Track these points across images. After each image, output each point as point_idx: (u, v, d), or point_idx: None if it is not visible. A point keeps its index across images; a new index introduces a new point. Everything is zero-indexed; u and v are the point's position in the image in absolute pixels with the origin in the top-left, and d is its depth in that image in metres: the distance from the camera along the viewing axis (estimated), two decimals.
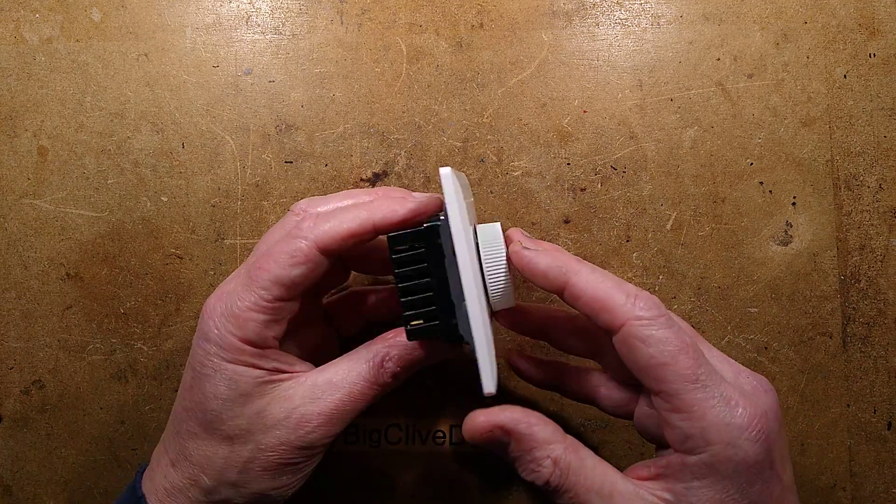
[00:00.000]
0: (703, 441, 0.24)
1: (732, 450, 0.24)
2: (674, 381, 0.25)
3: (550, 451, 0.26)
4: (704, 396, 0.24)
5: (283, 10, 0.40)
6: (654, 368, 0.25)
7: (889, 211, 0.39)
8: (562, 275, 0.27)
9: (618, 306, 0.26)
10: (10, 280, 0.39)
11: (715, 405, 0.24)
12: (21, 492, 0.40)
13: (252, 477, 0.28)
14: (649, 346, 0.25)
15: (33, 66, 0.40)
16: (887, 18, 0.39)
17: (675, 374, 0.25)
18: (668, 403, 0.25)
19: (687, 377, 0.24)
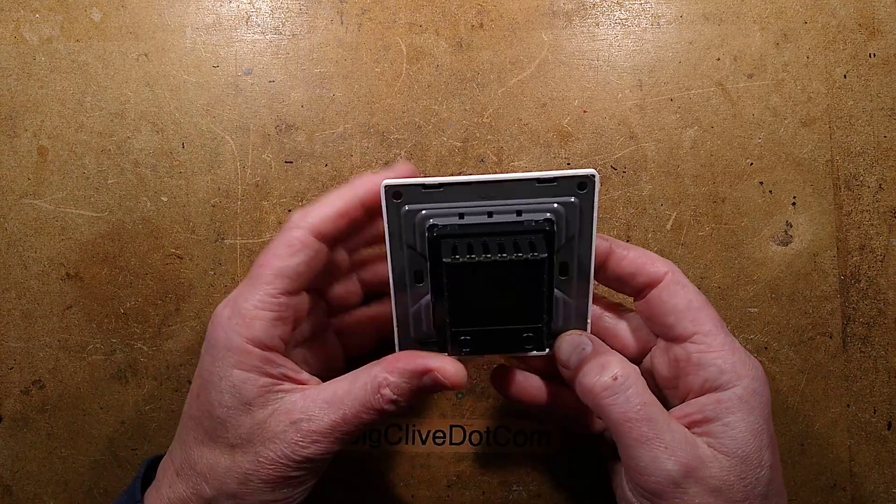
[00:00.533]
0: (736, 375, 0.27)
1: (757, 383, 0.28)
2: (708, 323, 0.28)
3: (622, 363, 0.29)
4: (731, 342, 0.28)
5: (283, 10, 0.40)
6: (693, 311, 0.29)
7: (889, 211, 0.39)
8: (605, 250, 0.30)
9: (658, 261, 0.30)
10: (10, 280, 0.39)
11: (738, 350, 0.28)
12: (21, 492, 0.40)
13: (251, 489, 0.28)
14: (689, 293, 0.29)
15: (33, 66, 0.40)
16: (887, 18, 0.39)
17: (709, 318, 0.29)
18: (703, 344, 0.28)
19: (717, 320, 0.29)
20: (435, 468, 0.40)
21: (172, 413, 0.40)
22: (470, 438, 0.40)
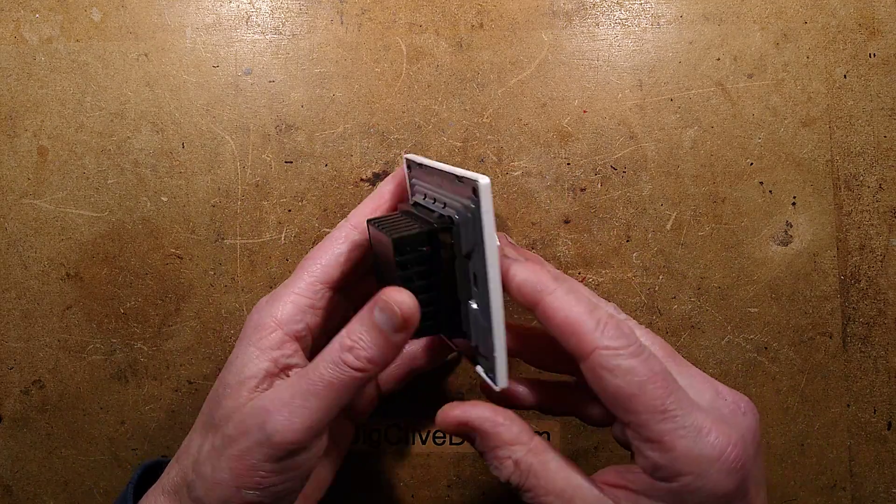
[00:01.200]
0: (673, 472, 0.24)
1: (702, 481, 0.24)
2: (642, 412, 0.24)
3: (512, 453, 0.27)
4: (673, 427, 0.24)
5: (283, 10, 0.40)
6: (622, 399, 0.24)
7: (889, 211, 0.39)
8: (536, 292, 0.26)
9: (586, 333, 0.25)
10: (10, 280, 0.39)
11: (684, 435, 0.24)
12: (21, 492, 0.40)
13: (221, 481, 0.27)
14: (616, 377, 0.24)
15: (33, 66, 0.40)
16: (887, 18, 0.39)
17: (643, 405, 0.24)
18: (637, 434, 0.25)
19: (655, 408, 0.24)
20: (435, 468, 0.40)
21: (172, 413, 0.40)
22: None
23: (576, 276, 0.39)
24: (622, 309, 0.39)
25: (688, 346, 0.39)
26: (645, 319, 0.39)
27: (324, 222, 0.39)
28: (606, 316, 0.25)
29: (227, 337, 0.39)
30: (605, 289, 0.39)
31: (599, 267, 0.39)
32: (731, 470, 0.24)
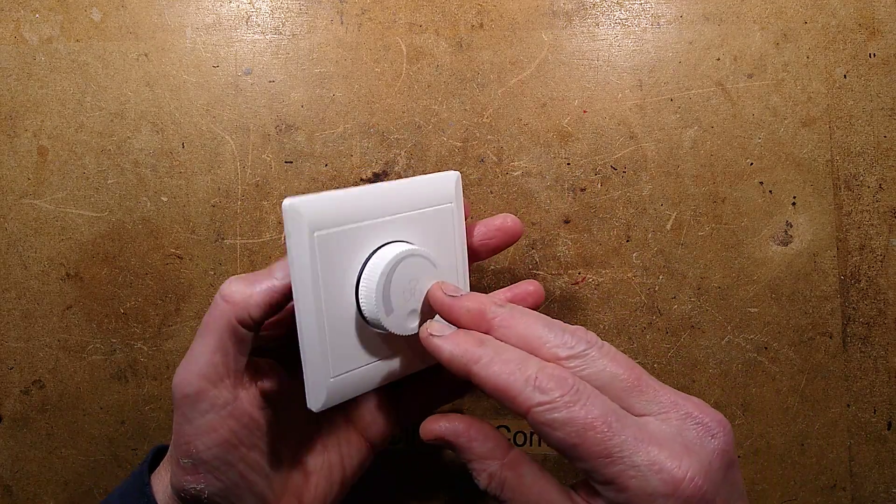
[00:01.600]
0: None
1: None
2: (588, 459, 0.24)
3: (486, 467, 0.28)
4: (622, 468, 0.24)
5: (283, 10, 0.40)
6: (567, 450, 0.25)
7: (889, 211, 0.39)
8: (463, 365, 0.27)
9: (518, 395, 0.25)
10: (10, 280, 0.39)
11: (634, 475, 0.24)
12: (21, 492, 0.40)
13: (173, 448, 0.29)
14: (555, 430, 0.24)
15: (33, 66, 0.40)
16: (887, 18, 0.39)
17: (587, 452, 0.24)
18: (593, 478, 0.25)
19: (598, 453, 0.24)
20: (435, 468, 0.40)
21: (172, 413, 0.40)
22: None
23: (576, 276, 0.39)
24: (623, 307, 0.39)
25: (688, 346, 0.39)
26: (645, 319, 0.39)
27: None
28: (537, 369, 0.25)
29: None
30: (605, 289, 0.39)
31: (599, 267, 0.39)
32: (688, 500, 0.24)
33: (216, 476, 0.28)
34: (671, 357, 0.39)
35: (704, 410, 0.26)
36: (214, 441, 0.28)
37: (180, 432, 0.28)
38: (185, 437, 0.28)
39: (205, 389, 0.28)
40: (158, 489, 0.30)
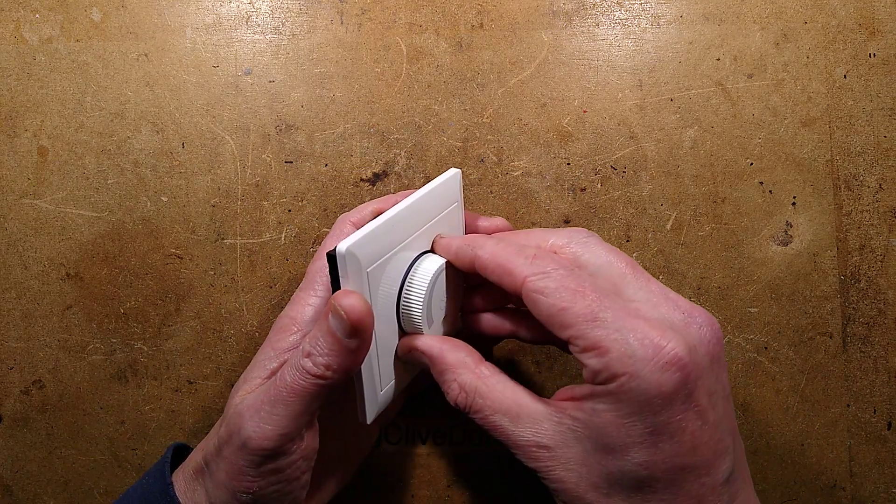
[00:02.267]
0: (610, 374, 0.25)
1: (636, 380, 0.24)
2: (575, 323, 0.25)
3: (457, 376, 0.28)
4: (606, 332, 0.25)
5: (283, 10, 0.40)
6: (556, 315, 0.26)
7: (889, 211, 0.39)
8: (469, 251, 0.29)
9: (515, 268, 0.27)
10: (10, 280, 0.39)
11: (617, 339, 0.25)
12: (21, 492, 0.40)
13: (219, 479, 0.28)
14: (547, 296, 0.26)
15: (33, 66, 0.40)
16: (887, 18, 0.39)
17: (575, 316, 0.25)
18: (576, 345, 0.26)
19: (586, 316, 0.25)
20: (435, 468, 0.40)
21: (172, 413, 0.40)
22: (470, 438, 0.40)
23: None
24: None
25: None
26: None
27: (324, 222, 0.39)
28: (534, 250, 0.28)
29: (227, 337, 0.39)
30: None
31: None
32: (665, 368, 0.24)
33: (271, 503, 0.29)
34: None
35: (695, 307, 0.27)
36: (279, 479, 0.28)
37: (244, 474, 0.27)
38: (250, 479, 0.27)
39: (285, 447, 0.27)
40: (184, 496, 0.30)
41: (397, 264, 0.30)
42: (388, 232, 0.29)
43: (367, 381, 0.29)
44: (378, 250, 0.29)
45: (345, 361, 0.27)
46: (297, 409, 0.27)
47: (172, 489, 0.30)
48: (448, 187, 0.33)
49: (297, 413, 0.27)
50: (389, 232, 0.29)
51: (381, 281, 0.29)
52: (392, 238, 0.29)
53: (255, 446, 0.27)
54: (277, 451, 0.27)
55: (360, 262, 0.27)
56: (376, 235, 0.28)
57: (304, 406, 0.27)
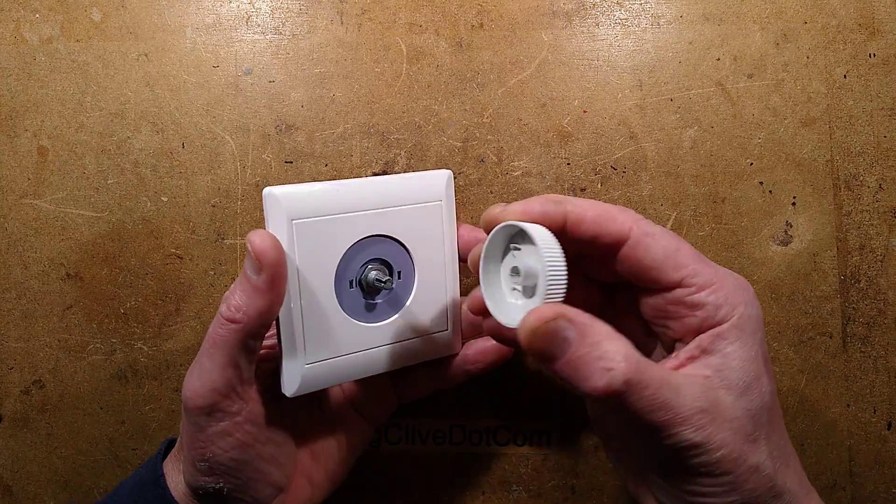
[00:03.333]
0: (730, 306, 0.26)
1: (751, 308, 0.26)
2: (691, 263, 0.26)
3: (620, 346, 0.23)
4: (717, 271, 0.27)
5: (283, 10, 0.40)
6: (671, 256, 0.26)
7: (889, 211, 0.39)
8: (560, 207, 0.27)
9: (618, 215, 0.27)
10: (10, 280, 0.39)
11: (726, 276, 0.27)
12: (21, 492, 0.40)
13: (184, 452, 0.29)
14: (660, 240, 0.27)
15: (33, 66, 0.40)
16: (887, 18, 0.39)
17: (690, 256, 0.27)
18: (692, 285, 0.26)
19: (697, 256, 0.27)
20: (435, 468, 0.40)
21: (172, 413, 0.40)
22: (470, 438, 0.40)
23: None
24: None
25: None
26: None
27: None
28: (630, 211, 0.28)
29: None
30: None
31: None
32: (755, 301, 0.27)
33: (233, 475, 0.29)
34: None
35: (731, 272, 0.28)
36: (230, 445, 0.28)
37: (194, 439, 0.28)
38: (200, 444, 0.28)
39: (218, 401, 0.28)
40: (171, 480, 0.31)
41: (340, 232, 0.29)
42: (332, 195, 0.28)
43: (286, 344, 0.28)
44: (314, 208, 0.28)
45: (255, 302, 0.27)
46: (221, 359, 0.27)
47: (164, 480, 0.31)
48: (432, 182, 0.32)
49: (222, 364, 0.27)
50: (335, 196, 0.28)
51: (315, 241, 0.28)
52: (337, 203, 0.29)
53: (192, 405, 0.28)
54: (213, 407, 0.28)
55: (284, 208, 0.27)
56: (315, 192, 0.28)
57: (228, 356, 0.27)
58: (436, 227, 0.32)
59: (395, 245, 0.31)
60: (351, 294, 0.30)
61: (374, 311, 0.30)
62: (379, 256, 0.31)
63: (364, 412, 0.35)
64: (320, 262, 0.29)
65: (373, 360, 0.31)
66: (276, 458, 0.30)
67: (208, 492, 0.29)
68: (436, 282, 0.32)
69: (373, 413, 0.35)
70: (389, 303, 0.31)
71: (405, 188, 0.31)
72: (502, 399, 0.40)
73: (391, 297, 0.31)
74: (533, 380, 0.40)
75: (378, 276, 0.30)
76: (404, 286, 0.31)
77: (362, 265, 0.30)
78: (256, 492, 0.29)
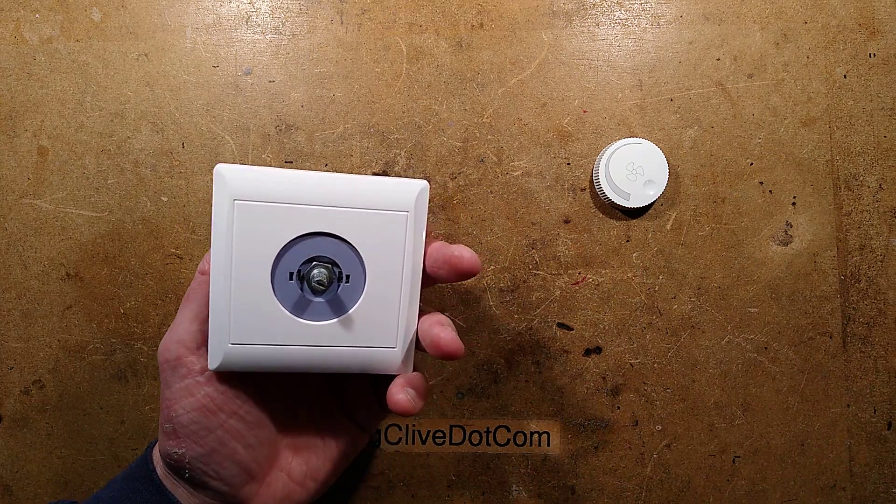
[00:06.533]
0: None
1: None
2: None
3: None
4: None
5: (283, 10, 0.40)
6: None
7: (889, 211, 0.39)
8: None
9: None
10: (10, 280, 0.39)
11: None
12: (21, 492, 0.40)
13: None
14: None
15: (33, 66, 0.40)
16: (887, 18, 0.39)
17: None
18: None
19: None
20: (435, 468, 0.40)
21: None
22: (470, 438, 0.40)
23: (576, 276, 0.39)
24: (623, 307, 0.39)
25: (688, 346, 0.39)
26: (645, 319, 0.39)
27: None
28: None
29: None
30: (605, 289, 0.39)
31: (599, 267, 0.39)
32: None
33: (195, 441, 0.29)
34: (671, 357, 0.39)
35: None
36: (192, 405, 0.29)
37: (163, 397, 0.29)
38: (166, 401, 0.29)
39: (182, 355, 0.29)
40: (157, 460, 0.31)
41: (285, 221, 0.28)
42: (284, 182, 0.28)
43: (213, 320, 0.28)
44: (262, 192, 0.28)
45: None
46: (189, 313, 0.29)
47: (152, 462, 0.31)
48: (403, 192, 0.30)
49: (190, 317, 0.29)
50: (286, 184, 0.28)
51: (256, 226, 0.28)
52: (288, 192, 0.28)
53: (161, 360, 0.29)
54: (178, 361, 0.29)
55: (228, 186, 0.27)
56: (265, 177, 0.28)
57: (196, 309, 0.29)
58: (398, 238, 0.30)
59: (347, 248, 0.30)
60: (289, 286, 0.29)
61: (311, 308, 0.30)
62: (326, 255, 0.29)
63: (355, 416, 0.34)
64: (260, 248, 0.28)
65: (306, 358, 0.30)
66: (243, 436, 0.30)
67: (173, 457, 0.29)
68: (389, 295, 0.30)
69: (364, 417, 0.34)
70: (331, 304, 0.30)
71: (372, 191, 0.29)
72: (502, 399, 0.40)
73: (333, 299, 0.30)
74: (533, 380, 0.40)
75: (316, 276, 0.29)
76: (351, 292, 0.30)
77: (306, 261, 0.29)
78: (220, 467, 0.29)
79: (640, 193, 0.38)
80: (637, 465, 0.39)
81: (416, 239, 0.30)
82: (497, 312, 0.39)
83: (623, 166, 0.38)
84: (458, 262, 0.29)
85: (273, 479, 0.31)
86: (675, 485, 0.39)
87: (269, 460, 0.31)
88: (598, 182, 0.38)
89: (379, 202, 0.29)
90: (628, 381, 0.39)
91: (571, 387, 0.39)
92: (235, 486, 0.30)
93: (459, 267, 0.29)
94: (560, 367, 0.39)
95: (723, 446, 0.39)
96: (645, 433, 0.39)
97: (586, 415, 0.39)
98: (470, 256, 0.29)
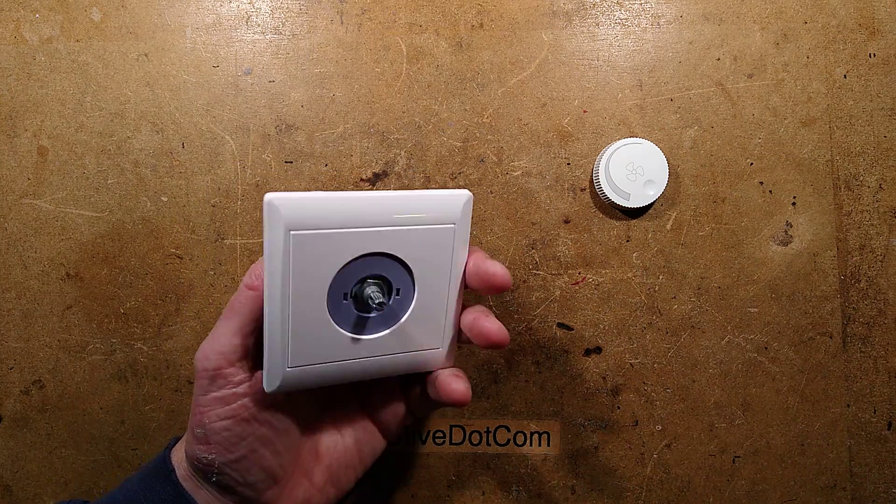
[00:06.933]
0: None
1: None
2: None
3: None
4: None
5: (283, 10, 0.40)
6: None
7: (889, 211, 0.39)
8: None
9: None
10: (10, 280, 0.39)
11: None
12: (21, 492, 0.40)
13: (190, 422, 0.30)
14: None
15: (33, 66, 0.40)
16: (887, 18, 0.39)
17: None
18: None
19: None
20: (435, 468, 0.40)
21: (172, 413, 0.40)
22: (470, 438, 0.40)
23: (576, 276, 0.39)
24: (623, 307, 0.39)
25: (688, 346, 0.39)
26: (645, 319, 0.39)
27: None
28: None
29: None
30: (605, 289, 0.39)
31: (599, 267, 0.39)
32: None
33: (226, 447, 0.29)
34: (671, 357, 0.39)
35: None
36: (226, 413, 0.29)
37: (196, 402, 0.29)
38: (199, 407, 0.29)
39: (222, 367, 0.29)
40: (177, 463, 0.31)
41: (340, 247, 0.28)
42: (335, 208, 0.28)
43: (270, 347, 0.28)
44: (315, 220, 0.28)
45: None
46: (233, 325, 0.29)
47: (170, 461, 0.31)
48: (448, 204, 0.30)
49: (233, 330, 0.29)
50: (338, 209, 0.28)
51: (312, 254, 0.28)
52: (340, 218, 0.28)
53: (199, 367, 0.29)
54: (217, 372, 0.29)
55: (282, 219, 0.27)
56: (317, 204, 0.27)
57: (240, 323, 0.29)
58: (445, 250, 0.31)
59: (397, 263, 0.30)
60: (344, 306, 0.30)
61: (366, 324, 0.30)
62: (378, 273, 0.30)
63: (379, 422, 0.34)
64: (315, 275, 0.28)
65: (359, 370, 0.31)
66: (273, 443, 0.30)
67: (202, 461, 0.29)
68: (436, 302, 0.31)
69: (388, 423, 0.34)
70: (383, 318, 0.30)
71: (418, 207, 0.30)
72: (502, 399, 0.40)
73: (386, 312, 0.30)
74: (533, 380, 0.40)
75: (372, 295, 0.29)
76: (401, 303, 0.30)
77: (359, 281, 0.30)
78: (248, 472, 0.30)
79: (640, 193, 0.38)
80: (637, 465, 0.39)
81: (461, 246, 0.31)
82: (497, 312, 0.39)
83: (623, 166, 0.38)
84: (492, 279, 0.30)
85: (295, 484, 0.31)
86: (675, 485, 0.39)
87: (293, 466, 0.31)
88: (598, 182, 0.38)
89: (426, 217, 0.30)
90: (628, 381, 0.39)
91: (571, 387, 0.39)
92: (260, 490, 0.30)
93: (492, 283, 0.30)
94: (560, 367, 0.39)
95: (723, 446, 0.39)
96: (645, 433, 0.39)
97: (586, 415, 0.39)
98: (503, 274, 0.30)
